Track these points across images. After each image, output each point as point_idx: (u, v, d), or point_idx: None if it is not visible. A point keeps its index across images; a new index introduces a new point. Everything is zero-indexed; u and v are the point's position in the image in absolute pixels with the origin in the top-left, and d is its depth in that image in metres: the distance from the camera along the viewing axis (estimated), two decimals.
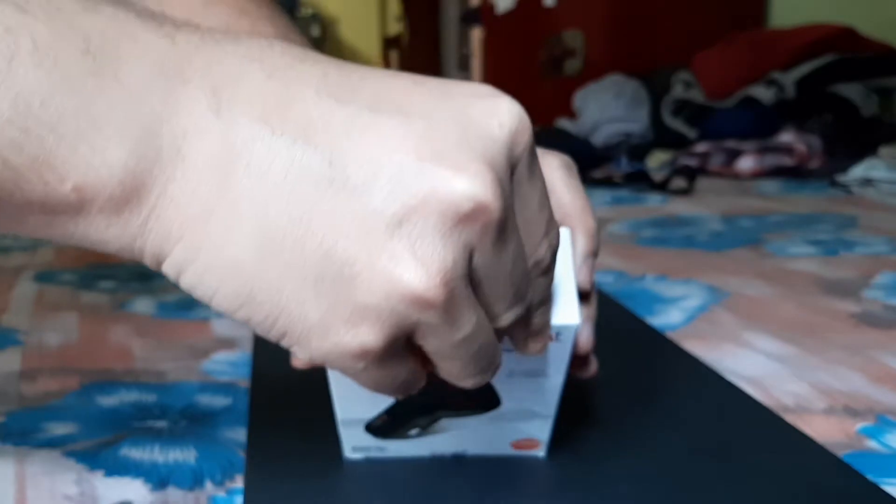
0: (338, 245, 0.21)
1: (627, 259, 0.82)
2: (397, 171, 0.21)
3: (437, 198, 0.21)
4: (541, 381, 0.34)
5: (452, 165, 0.21)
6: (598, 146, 1.76)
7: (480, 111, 0.23)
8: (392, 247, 0.21)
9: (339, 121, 0.22)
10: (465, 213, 0.21)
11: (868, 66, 1.64)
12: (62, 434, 0.41)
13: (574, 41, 2.38)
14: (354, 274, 0.21)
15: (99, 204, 0.21)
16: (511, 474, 0.36)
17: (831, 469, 0.36)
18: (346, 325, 0.22)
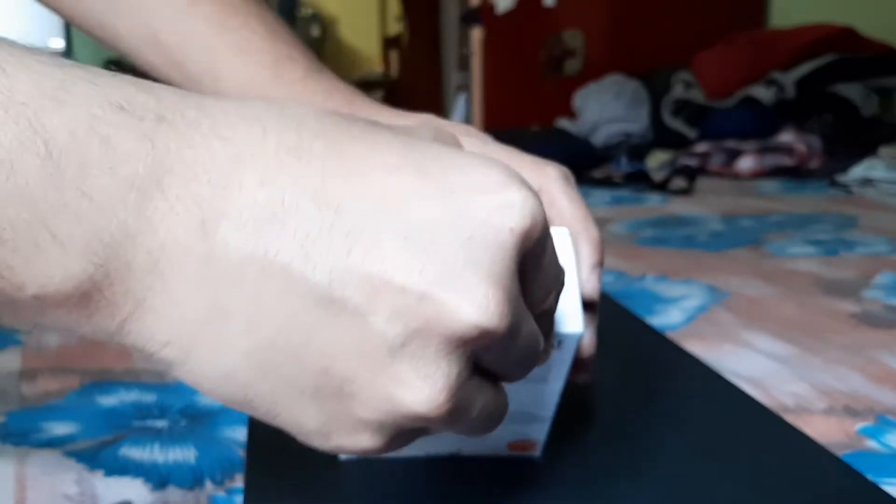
0: (336, 363, 0.21)
1: (627, 259, 0.82)
2: (399, 294, 0.20)
3: (441, 324, 0.20)
4: (542, 387, 0.34)
5: (457, 289, 0.20)
6: (598, 146, 1.76)
7: (489, 212, 0.21)
8: (393, 369, 0.20)
9: (339, 235, 0.20)
10: (471, 339, 0.20)
11: (868, 66, 1.64)
12: (62, 434, 0.41)
13: (574, 41, 2.39)
14: (354, 392, 0.21)
15: (65, 310, 0.20)
16: (509, 474, 0.36)
17: (831, 469, 0.36)
18: (346, 434, 0.22)
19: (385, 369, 0.20)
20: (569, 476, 0.35)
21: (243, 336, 0.20)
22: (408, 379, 0.20)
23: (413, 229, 0.20)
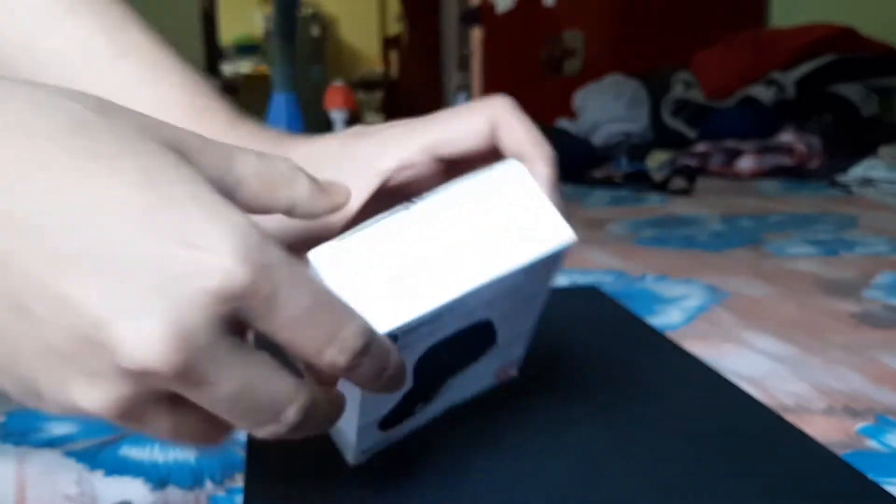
0: (20, 366, 0.22)
1: (627, 259, 0.82)
2: (76, 317, 0.21)
3: (109, 353, 0.21)
4: (535, 302, 0.34)
5: (133, 327, 0.21)
6: (598, 146, 1.76)
7: (194, 267, 0.21)
8: (70, 378, 0.22)
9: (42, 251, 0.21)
10: (135, 372, 0.21)
11: (868, 66, 1.64)
12: (62, 434, 0.41)
13: (574, 41, 2.39)
14: (41, 390, 0.22)
15: None
16: (508, 476, 0.36)
17: (831, 469, 0.36)
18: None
19: (63, 378, 0.22)
20: (569, 476, 0.35)
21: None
22: (80, 388, 0.22)
23: (116, 264, 0.21)
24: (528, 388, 0.45)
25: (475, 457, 0.37)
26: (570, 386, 0.45)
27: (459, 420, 0.41)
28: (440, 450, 0.38)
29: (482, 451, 0.38)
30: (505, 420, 0.41)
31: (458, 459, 0.37)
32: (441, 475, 0.36)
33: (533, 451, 0.38)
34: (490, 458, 0.37)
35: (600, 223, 1.05)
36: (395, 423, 0.36)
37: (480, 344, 0.35)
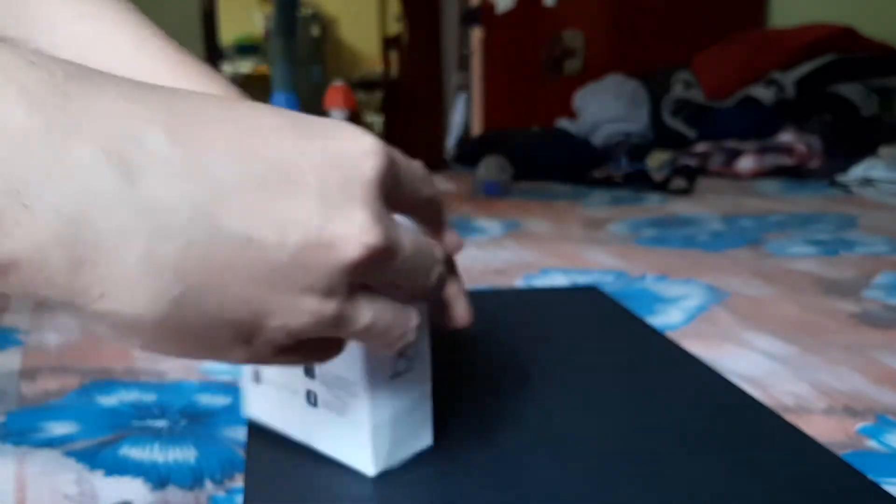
0: (250, 291, 0.24)
1: (627, 259, 0.82)
2: (296, 230, 0.24)
3: (333, 250, 0.25)
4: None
5: (341, 217, 0.25)
6: (598, 146, 1.76)
7: (352, 155, 0.26)
8: (295, 287, 0.25)
9: (249, 187, 0.24)
10: (358, 260, 0.25)
11: (868, 66, 1.64)
12: (62, 434, 0.41)
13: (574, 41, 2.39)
14: (265, 312, 0.25)
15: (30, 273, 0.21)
16: (506, 477, 0.36)
17: (832, 468, 0.36)
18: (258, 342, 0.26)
19: (291, 290, 0.25)
20: (569, 475, 0.35)
21: (172, 276, 0.23)
22: (309, 293, 0.25)
23: (301, 174, 0.25)
24: (528, 388, 0.45)
25: (474, 456, 0.37)
26: (569, 386, 0.45)
27: (459, 420, 0.41)
28: (439, 449, 0.38)
29: (481, 450, 0.38)
30: (504, 419, 0.41)
31: (458, 459, 0.37)
32: (440, 475, 0.36)
33: (532, 451, 0.38)
34: (489, 457, 0.37)
35: (600, 223, 1.05)
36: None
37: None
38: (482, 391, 0.44)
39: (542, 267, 0.79)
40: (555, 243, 0.91)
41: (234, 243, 0.23)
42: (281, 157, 0.25)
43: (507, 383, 0.46)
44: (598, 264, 0.80)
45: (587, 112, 1.87)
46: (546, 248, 0.88)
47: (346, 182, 0.25)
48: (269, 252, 0.24)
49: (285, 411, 0.39)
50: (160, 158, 0.22)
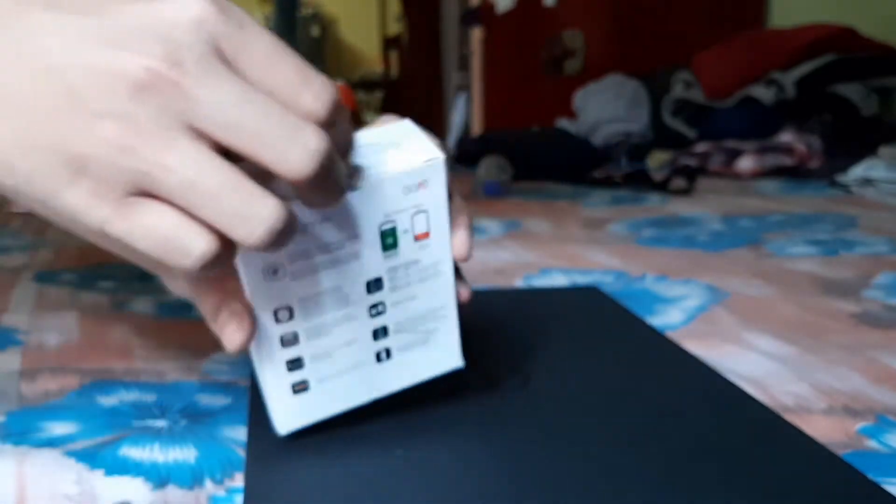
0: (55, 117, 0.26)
1: (627, 259, 0.82)
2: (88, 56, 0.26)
3: (117, 72, 0.26)
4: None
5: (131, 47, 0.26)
6: (598, 146, 1.76)
7: (167, 5, 0.27)
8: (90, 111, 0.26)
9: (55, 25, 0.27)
10: (142, 80, 0.26)
11: (868, 66, 1.64)
12: (62, 434, 0.41)
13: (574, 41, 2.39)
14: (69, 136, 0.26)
15: None
16: (503, 473, 0.36)
17: (832, 469, 0.36)
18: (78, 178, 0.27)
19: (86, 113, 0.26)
20: (568, 475, 0.35)
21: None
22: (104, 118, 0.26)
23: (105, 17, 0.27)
24: (527, 388, 0.45)
25: (474, 456, 0.37)
26: (569, 386, 0.45)
27: (458, 420, 0.41)
28: (439, 449, 0.38)
29: (481, 450, 0.38)
30: (504, 419, 0.41)
31: (457, 459, 0.37)
32: (440, 475, 0.36)
33: (532, 451, 0.38)
34: (489, 457, 0.37)
35: (600, 223, 1.05)
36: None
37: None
38: (482, 391, 0.44)
39: (541, 267, 0.79)
40: (555, 243, 0.91)
41: (39, 73, 0.26)
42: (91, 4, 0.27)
43: (506, 383, 0.46)
44: (598, 264, 0.80)
45: (587, 112, 1.87)
46: (546, 248, 0.88)
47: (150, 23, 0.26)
48: (63, 76, 0.26)
49: (343, 391, 0.39)
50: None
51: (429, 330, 0.40)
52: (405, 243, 0.37)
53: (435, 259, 0.38)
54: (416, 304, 0.39)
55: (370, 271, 0.37)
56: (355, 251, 0.36)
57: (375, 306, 0.37)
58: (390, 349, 0.39)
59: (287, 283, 0.35)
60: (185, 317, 0.62)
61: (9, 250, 0.88)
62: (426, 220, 0.37)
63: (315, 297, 0.36)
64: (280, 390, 0.37)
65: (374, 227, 0.36)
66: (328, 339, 0.37)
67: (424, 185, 0.36)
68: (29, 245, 0.91)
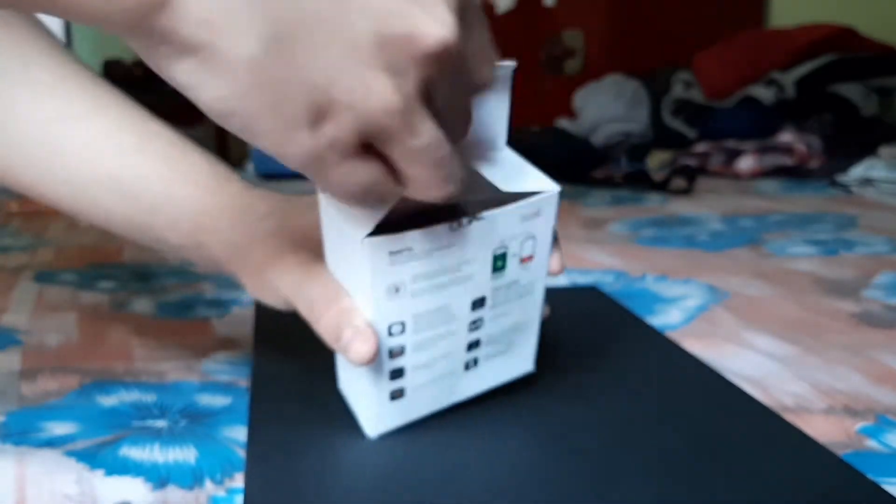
0: (331, 54, 0.26)
1: (627, 259, 0.82)
2: (387, 5, 0.26)
3: (415, 35, 0.26)
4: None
5: (427, 9, 0.26)
6: (598, 146, 1.75)
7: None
8: (372, 62, 0.26)
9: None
10: (434, 52, 0.27)
11: (868, 66, 1.64)
12: (62, 434, 0.41)
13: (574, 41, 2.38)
14: (337, 79, 0.26)
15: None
16: (505, 472, 0.36)
17: (832, 469, 0.36)
18: (322, 121, 0.27)
19: (367, 63, 0.26)
20: (568, 475, 0.35)
21: (267, 19, 0.25)
22: (383, 73, 0.27)
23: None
24: (527, 388, 0.45)
25: (474, 457, 0.37)
26: (569, 386, 0.45)
27: (458, 420, 0.41)
28: (439, 449, 0.38)
29: (481, 450, 0.38)
30: (504, 419, 0.41)
31: (458, 459, 0.37)
32: (439, 475, 0.36)
33: (532, 451, 0.38)
34: (489, 457, 0.37)
35: (600, 223, 1.05)
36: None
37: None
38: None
39: None
40: None
41: (326, 3, 0.26)
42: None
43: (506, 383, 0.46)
44: (598, 264, 0.80)
45: (587, 112, 1.87)
46: None
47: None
48: (356, 17, 0.26)
49: (431, 397, 0.40)
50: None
51: (513, 341, 0.42)
52: (512, 266, 0.38)
53: (532, 279, 0.40)
54: (509, 320, 0.40)
55: (478, 291, 0.38)
56: (469, 274, 0.37)
57: (475, 322, 0.39)
58: (478, 359, 0.41)
59: (406, 301, 0.36)
60: (185, 317, 0.62)
61: (9, 250, 0.88)
62: (533, 245, 0.38)
63: (427, 314, 0.37)
64: (379, 398, 0.38)
65: (488, 252, 0.37)
66: (430, 352, 0.38)
67: (538, 214, 0.37)
68: (29, 245, 0.91)
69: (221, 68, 0.26)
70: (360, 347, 0.35)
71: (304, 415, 0.42)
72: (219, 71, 0.26)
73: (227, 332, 0.58)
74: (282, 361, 0.49)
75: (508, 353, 0.42)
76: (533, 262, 0.39)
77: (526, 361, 0.44)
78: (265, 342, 0.52)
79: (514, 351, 0.42)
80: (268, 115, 0.27)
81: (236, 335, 0.57)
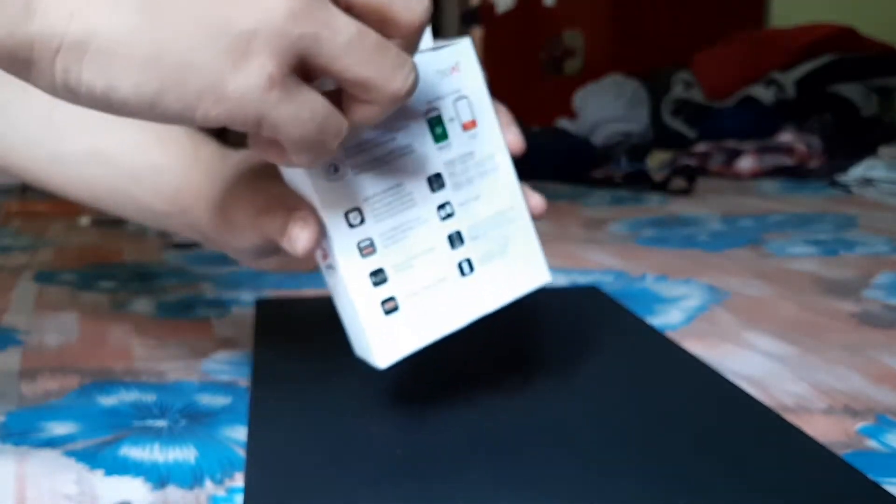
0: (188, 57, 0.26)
1: (627, 259, 0.82)
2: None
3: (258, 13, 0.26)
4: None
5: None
6: (598, 146, 1.75)
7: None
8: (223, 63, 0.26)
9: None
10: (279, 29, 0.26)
11: (868, 66, 1.64)
12: (62, 434, 0.41)
13: (574, 41, 2.38)
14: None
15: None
16: (507, 471, 0.36)
17: (831, 469, 0.36)
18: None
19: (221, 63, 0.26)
20: (568, 475, 0.35)
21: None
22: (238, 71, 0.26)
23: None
24: (527, 388, 0.45)
25: (473, 457, 0.37)
26: (569, 386, 0.45)
27: (458, 419, 0.41)
28: (439, 449, 0.38)
29: (481, 450, 0.38)
30: (504, 419, 0.41)
31: (457, 459, 0.37)
32: (439, 474, 0.36)
33: (532, 451, 0.38)
34: (489, 457, 0.37)
35: (600, 223, 1.05)
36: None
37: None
38: (482, 391, 0.44)
39: None
40: (555, 243, 0.91)
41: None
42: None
43: (506, 383, 0.46)
44: (598, 264, 0.80)
45: (587, 112, 1.87)
46: (546, 248, 0.88)
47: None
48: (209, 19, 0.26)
49: (434, 314, 0.38)
50: None
51: (505, 236, 0.40)
52: (454, 133, 0.37)
53: (488, 151, 0.39)
54: (483, 206, 0.39)
55: (427, 166, 0.37)
56: (407, 144, 0.36)
57: (443, 206, 0.38)
58: (471, 260, 0.39)
59: (349, 179, 0.35)
60: (185, 317, 0.62)
61: (9, 250, 0.88)
62: (469, 106, 0.38)
63: (380, 196, 0.36)
64: (371, 313, 0.36)
65: (419, 116, 0.36)
66: (405, 246, 0.37)
67: (457, 68, 0.37)
68: (29, 245, 0.91)
69: (116, 51, 0.25)
70: (299, 232, 0.35)
71: (303, 414, 0.42)
72: (117, 57, 0.25)
73: (227, 332, 0.58)
74: (282, 361, 0.49)
75: (508, 255, 0.40)
76: (479, 129, 0.38)
77: (536, 269, 0.41)
78: (265, 342, 0.52)
79: (516, 253, 0.40)
80: (192, 78, 0.26)
81: (236, 335, 0.57)
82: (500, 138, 0.39)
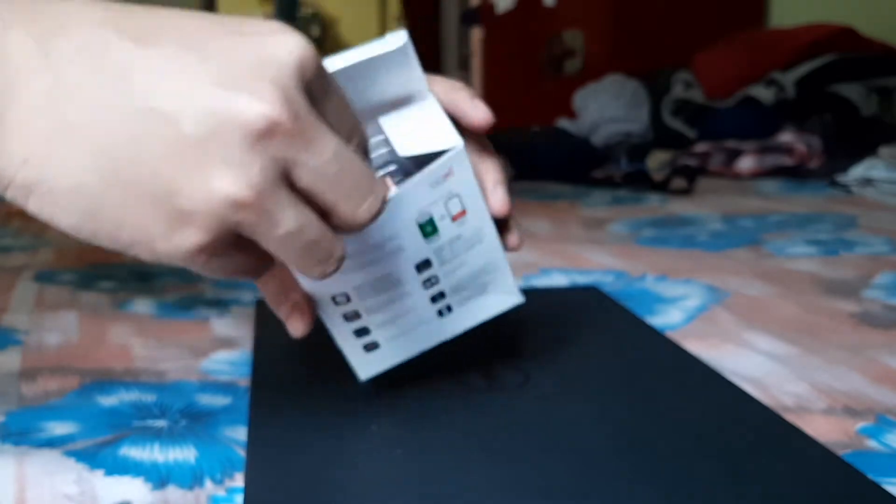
0: (162, 166, 0.26)
1: (627, 259, 0.82)
2: (202, 101, 0.26)
3: (237, 120, 0.26)
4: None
5: (247, 91, 0.26)
6: (598, 146, 1.75)
7: (273, 44, 0.27)
8: (204, 162, 0.26)
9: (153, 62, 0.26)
10: (262, 130, 0.26)
11: (868, 66, 1.64)
12: (62, 434, 0.41)
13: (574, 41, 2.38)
14: (177, 189, 0.26)
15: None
16: (506, 472, 0.36)
17: (831, 469, 0.36)
18: (179, 230, 0.27)
19: (197, 164, 0.26)
20: (568, 475, 0.35)
21: (87, 149, 0.26)
22: (216, 169, 0.26)
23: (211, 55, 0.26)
24: (527, 388, 0.45)
25: (473, 457, 0.37)
26: (569, 386, 0.45)
27: (458, 419, 0.41)
28: (439, 449, 0.38)
29: (480, 450, 0.38)
30: (504, 419, 0.41)
31: (457, 459, 0.37)
32: (438, 474, 0.36)
33: (532, 451, 0.38)
34: (489, 458, 0.37)
35: (600, 223, 1.05)
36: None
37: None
38: (482, 391, 0.44)
39: (542, 267, 0.79)
40: (555, 243, 0.91)
41: (140, 116, 0.26)
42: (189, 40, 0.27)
43: (506, 383, 0.46)
44: (598, 264, 0.80)
45: (587, 112, 1.87)
46: (546, 248, 0.88)
47: (260, 63, 0.27)
48: (174, 123, 0.26)
49: (411, 343, 0.42)
50: (74, 47, 0.26)
51: (485, 282, 0.42)
52: (444, 226, 0.38)
53: (475, 228, 0.40)
54: (467, 269, 0.40)
55: (417, 256, 0.38)
56: (398, 245, 0.37)
57: (428, 280, 0.40)
58: (451, 305, 0.41)
59: (339, 277, 0.37)
60: (185, 317, 0.62)
61: (9, 250, 0.88)
62: (460, 201, 0.38)
63: (367, 284, 0.38)
64: (353, 350, 0.40)
65: (411, 223, 0.37)
66: (388, 313, 0.39)
67: (450, 173, 0.37)
68: (29, 245, 0.91)
69: (60, 199, 0.26)
70: (296, 322, 0.38)
71: (303, 414, 0.42)
72: (59, 202, 0.26)
73: (227, 332, 0.58)
74: (282, 361, 0.49)
75: (485, 293, 0.42)
76: (468, 216, 0.39)
77: (510, 294, 0.43)
78: (265, 342, 0.52)
79: (491, 289, 0.43)
80: (126, 231, 0.27)
81: (236, 335, 0.57)
82: (486, 213, 0.40)
